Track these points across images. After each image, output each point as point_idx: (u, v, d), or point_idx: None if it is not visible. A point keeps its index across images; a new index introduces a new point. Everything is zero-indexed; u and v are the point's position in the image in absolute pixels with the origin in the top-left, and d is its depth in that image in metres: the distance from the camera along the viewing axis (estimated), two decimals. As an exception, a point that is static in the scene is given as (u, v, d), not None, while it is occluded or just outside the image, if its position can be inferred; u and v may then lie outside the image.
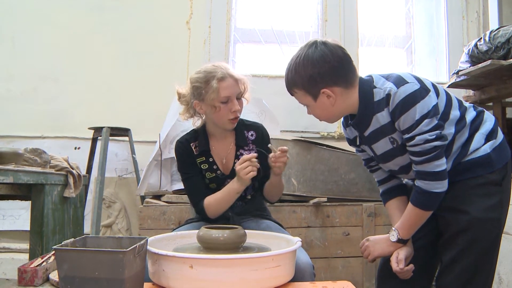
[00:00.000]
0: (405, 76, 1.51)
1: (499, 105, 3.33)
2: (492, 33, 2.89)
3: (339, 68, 1.51)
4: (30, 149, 2.22)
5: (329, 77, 1.50)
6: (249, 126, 1.97)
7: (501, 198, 1.55)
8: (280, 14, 4.10)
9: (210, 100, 1.76)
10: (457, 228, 1.54)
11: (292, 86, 1.58)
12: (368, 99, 1.54)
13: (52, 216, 2.27)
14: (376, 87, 1.53)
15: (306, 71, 1.50)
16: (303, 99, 1.58)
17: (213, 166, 1.90)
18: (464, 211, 1.53)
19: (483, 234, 1.51)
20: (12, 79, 3.72)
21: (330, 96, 1.52)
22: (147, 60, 3.77)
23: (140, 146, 3.58)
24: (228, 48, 3.87)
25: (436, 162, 1.46)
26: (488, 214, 1.51)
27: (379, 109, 1.52)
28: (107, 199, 3.52)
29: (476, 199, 1.53)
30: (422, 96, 1.44)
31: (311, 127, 3.77)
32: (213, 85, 1.74)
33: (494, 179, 1.53)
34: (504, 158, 1.56)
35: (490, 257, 1.56)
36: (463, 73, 3.08)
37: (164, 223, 2.69)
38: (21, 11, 3.77)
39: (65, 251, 1.13)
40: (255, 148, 1.93)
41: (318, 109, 1.58)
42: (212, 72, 1.78)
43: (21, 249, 3.43)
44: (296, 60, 1.54)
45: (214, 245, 1.38)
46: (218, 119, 1.82)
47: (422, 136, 1.43)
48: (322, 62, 1.49)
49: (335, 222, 2.79)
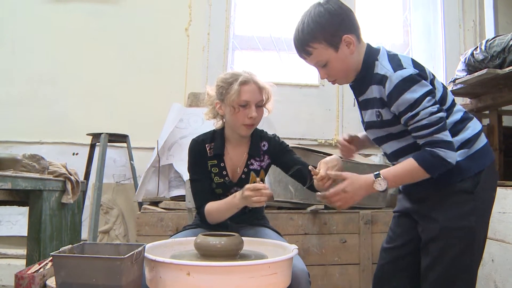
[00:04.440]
0: (404, 60, 1.56)
1: (495, 113, 3.36)
2: (488, 42, 2.91)
3: (352, 17, 1.58)
4: (28, 155, 2.23)
5: (347, 24, 1.56)
6: (264, 137, 1.98)
7: (474, 206, 1.55)
8: (279, 21, 4.11)
9: (230, 101, 1.78)
10: (429, 236, 1.59)
11: (310, 41, 1.56)
12: (369, 67, 1.60)
13: (49, 222, 2.27)
14: (378, 59, 1.59)
15: (327, 20, 1.53)
16: (322, 53, 1.57)
17: (223, 171, 1.90)
18: (435, 219, 1.57)
19: (453, 242, 1.54)
20: (12, 84, 3.73)
21: (350, 43, 1.56)
22: (146, 66, 3.79)
23: (138, 152, 3.59)
24: (227, 55, 3.89)
25: (444, 132, 1.48)
26: (458, 222, 1.54)
27: (375, 81, 1.57)
28: (104, 205, 3.52)
29: (447, 208, 1.56)
30: (419, 79, 1.49)
31: (308, 134, 3.79)
32: (235, 87, 1.77)
33: (466, 187, 1.55)
34: (477, 167, 1.57)
35: (466, 266, 1.56)
36: (459, 81, 3.10)
37: (161, 230, 2.70)
38: (21, 15, 3.79)
39: (63, 258, 1.13)
40: (268, 158, 1.94)
41: (338, 61, 1.58)
42: (238, 75, 1.82)
43: (17, 255, 3.43)
44: (311, 15, 1.56)
45: (211, 252, 1.39)
46: (234, 122, 1.83)
47: (426, 110, 1.46)
48: (339, 10, 1.55)
49: (332, 230, 2.80)
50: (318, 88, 3.91)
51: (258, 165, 1.93)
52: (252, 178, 1.91)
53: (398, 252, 1.74)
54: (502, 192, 2.37)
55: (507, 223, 2.33)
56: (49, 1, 3.81)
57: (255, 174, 1.92)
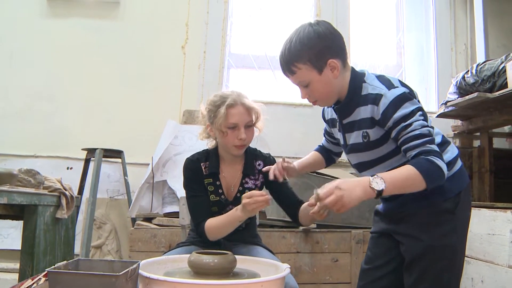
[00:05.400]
0: (393, 80, 1.59)
1: (486, 135, 3.42)
2: (478, 67, 2.98)
3: (340, 42, 1.59)
4: (24, 170, 2.24)
5: (334, 49, 1.57)
6: (259, 156, 2.00)
7: (455, 226, 1.60)
8: (274, 40, 4.18)
9: (218, 125, 1.80)
10: (413, 255, 1.62)
11: (295, 61, 1.56)
12: (356, 90, 1.61)
13: (43, 237, 2.27)
14: (366, 82, 1.61)
15: (314, 43, 1.53)
16: (306, 74, 1.57)
17: (219, 190, 1.91)
18: (418, 239, 1.60)
19: (436, 260, 1.57)
20: (8, 97, 3.76)
21: (335, 68, 1.56)
22: (142, 82, 3.83)
23: (133, 168, 3.60)
24: (222, 73, 3.94)
25: (434, 144, 1.49)
26: (441, 241, 1.57)
27: (363, 103, 1.58)
28: (98, 220, 3.52)
29: (430, 227, 1.59)
30: (411, 97, 1.52)
31: (302, 153, 3.76)
32: (222, 111, 1.78)
33: (447, 208, 1.59)
34: (458, 187, 1.62)
35: (449, 282, 1.60)
36: (451, 104, 3.16)
37: (154, 246, 2.70)
38: (20, 30, 3.83)
39: (58, 274, 1.14)
40: (263, 178, 1.97)
41: (320, 83, 1.58)
42: (225, 97, 1.82)
43: (8, 268, 3.40)
44: (300, 35, 1.56)
45: (205, 270, 1.40)
46: (225, 143, 1.85)
47: (419, 122, 1.49)
48: (328, 34, 1.55)
49: (324, 248, 2.81)
50: (312, 107, 3.95)
51: (253, 184, 1.95)
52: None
53: (378, 273, 1.76)
54: (492, 214, 2.40)
55: (496, 245, 2.36)
56: (48, 16, 3.86)
57: None
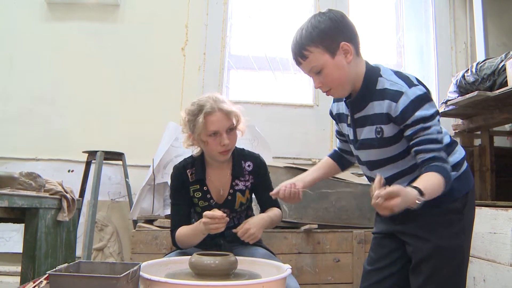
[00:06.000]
0: (412, 78, 1.56)
1: (486, 134, 3.41)
2: (478, 65, 2.98)
3: (353, 28, 1.57)
4: (25, 173, 2.25)
5: (346, 33, 1.53)
6: (247, 156, 1.98)
7: (463, 226, 1.60)
8: (274, 41, 4.18)
9: (197, 134, 1.80)
10: (421, 256, 1.61)
11: (307, 44, 1.52)
12: (370, 84, 1.57)
13: (45, 240, 2.28)
14: (382, 76, 1.57)
15: (327, 25, 1.51)
16: (318, 58, 1.53)
17: (207, 195, 1.91)
18: (427, 239, 1.59)
19: (446, 261, 1.57)
20: (9, 100, 3.76)
21: (348, 51, 1.52)
22: (143, 85, 3.83)
23: (134, 170, 3.61)
24: (222, 75, 3.94)
25: (445, 153, 1.50)
26: (451, 241, 1.57)
27: (378, 97, 1.55)
28: (99, 222, 3.53)
29: (439, 228, 1.59)
30: (431, 99, 1.51)
31: (303, 154, 3.81)
32: (200, 120, 1.76)
33: (456, 208, 1.59)
34: (465, 187, 1.62)
35: (457, 283, 1.60)
36: (451, 103, 3.16)
37: (156, 248, 2.70)
38: (20, 33, 3.83)
39: (59, 276, 1.15)
40: (253, 178, 1.96)
41: (333, 68, 1.53)
42: (202, 105, 1.79)
43: (10, 271, 3.40)
44: (311, 21, 1.54)
45: (206, 272, 1.40)
46: (209, 151, 1.85)
47: (437, 127, 1.48)
48: (340, 19, 1.53)
49: (326, 249, 2.81)
50: (312, 108, 3.95)
51: (243, 185, 1.94)
52: (238, 199, 1.93)
53: (382, 274, 1.74)
54: (493, 213, 2.40)
55: (498, 244, 2.36)
56: (48, 19, 3.86)
57: (241, 194, 1.93)
